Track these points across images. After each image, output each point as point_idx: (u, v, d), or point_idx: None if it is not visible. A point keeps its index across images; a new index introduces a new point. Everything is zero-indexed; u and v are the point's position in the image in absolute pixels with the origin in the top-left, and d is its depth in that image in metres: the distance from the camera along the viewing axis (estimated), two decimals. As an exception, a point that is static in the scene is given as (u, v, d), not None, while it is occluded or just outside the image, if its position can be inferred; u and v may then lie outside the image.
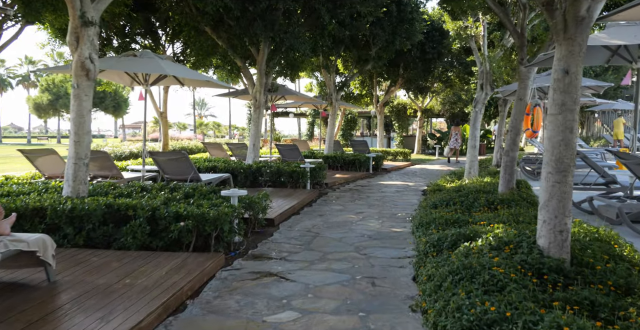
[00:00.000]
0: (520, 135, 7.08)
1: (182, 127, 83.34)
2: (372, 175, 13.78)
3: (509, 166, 7.07)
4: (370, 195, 9.64)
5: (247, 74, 10.82)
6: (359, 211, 7.81)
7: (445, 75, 21.06)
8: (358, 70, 15.37)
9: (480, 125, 31.49)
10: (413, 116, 25.60)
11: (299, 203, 8.07)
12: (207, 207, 5.02)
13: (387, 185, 11.50)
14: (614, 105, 20.79)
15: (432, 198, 7.57)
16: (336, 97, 14.75)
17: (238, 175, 9.88)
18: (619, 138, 20.30)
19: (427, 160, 20.01)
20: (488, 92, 10.41)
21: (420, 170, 15.46)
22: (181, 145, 20.00)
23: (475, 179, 9.95)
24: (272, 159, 12.87)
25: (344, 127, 25.31)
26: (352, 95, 21.02)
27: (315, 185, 10.60)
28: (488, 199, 6.43)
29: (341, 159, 14.00)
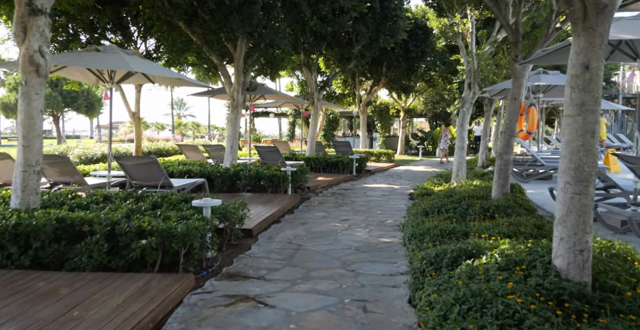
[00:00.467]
0: (515, 136, 6.66)
1: (160, 127, 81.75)
2: (356, 177, 13.30)
3: (503, 170, 6.65)
4: (355, 200, 9.14)
5: (224, 72, 10.21)
6: (344, 218, 7.30)
7: (428, 75, 20.76)
8: (340, 68, 14.88)
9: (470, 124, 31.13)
10: (396, 116, 25.25)
11: (280, 210, 7.52)
12: (175, 220, 4.43)
13: (372, 188, 11.03)
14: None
15: (422, 204, 7.10)
16: (318, 97, 14.23)
17: (214, 179, 9.28)
18: (602, 138, 20.28)
19: (411, 161, 19.65)
20: (476, 92, 10.02)
21: (404, 172, 15.05)
22: (157, 147, 19.22)
23: (465, 182, 9.55)
24: (251, 161, 12.28)
25: (325, 128, 24.81)
26: (334, 94, 20.53)
27: (297, 190, 10.07)
28: (483, 206, 5.99)
29: (324, 161, 13.49)
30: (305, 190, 10.19)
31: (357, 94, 18.88)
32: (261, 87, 11.58)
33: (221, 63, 10.11)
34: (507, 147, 6.63)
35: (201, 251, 4.48)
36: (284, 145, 16.60)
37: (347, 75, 18.41)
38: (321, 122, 22.33)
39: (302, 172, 9.88)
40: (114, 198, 5.59)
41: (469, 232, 4.83)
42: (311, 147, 14.35)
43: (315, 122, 14.37)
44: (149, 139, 51.32)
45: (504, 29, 6.86)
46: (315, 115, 14.31)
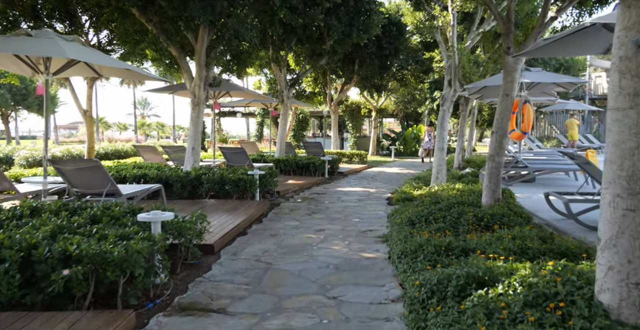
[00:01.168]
0: (507, 136, 6.04)
1: (123, 127, 79.10)
2: (329, 180, 12.55)
3: (495, 174, 6.02)
4: (329, 206, 8.37)
5: (185, 66, 9.26)
6: (319, 228, 6.51)
7: (401, 74, 20.24)
8: (311, 65, 14.10)
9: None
10: (367, 116, 24.67)
11: (247, 219, 6.66)
12: (112, 240, 3.54)
13: (346, 192, 10.29)
14: (567, 106, 20.76)
15: (406, 212, 6.40)
16: (288, 95, 13.41)
17: (173, 184, 8.33)
18: (574, 139, 20.27)
19: (384, 162, 19.07)
20: (457, 89, 9.44)
21: (378, 174, 14.40)
22: (114, 148, 17.93)
23: (446, 186, 8.93)
24: (215, 163, 11.34)
25: (295, 128, 23.99)
26: (304, 93, 19.74)
27: (265, 195, 9.22)
28: (476, 215, 5.32)
29: (294, 163, 12.67)
30: (274, 196, 9.35)
31: (328, 92, 18.14)
32: (226, 83, 10.67)
33: (181, 55, 9.16)
34: (499, 149, 6.00)
35: (147, 278, 3.61)
36: (252, 146, 15.69)
37: (318, 72, 17.66)
38: (290, 121, 21.50)
39: (271, 176, 9.04)
40: (44, 211, 4.62)
41: (469, 249, 4.12)
42: (281, 148, 13.51)
43: (285, 122, 13.54)
44: (110, 139, 49.27)
45: (495, 19, 6.24)
46: (285, 114, 13.48)
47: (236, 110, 30.17)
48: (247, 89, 11.87)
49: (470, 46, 9.50)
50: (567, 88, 10.32)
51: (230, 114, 30.34)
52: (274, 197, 9.30)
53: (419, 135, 24.75)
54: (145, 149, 11.51)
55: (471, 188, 8.47)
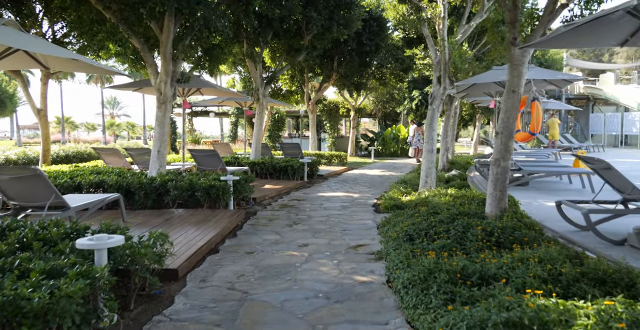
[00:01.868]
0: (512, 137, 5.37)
1: (91, 127, 76.51)
2: (308, 184, 11.76)
3: (500, 180, 5.33)
4: (311, 215, 7.58)
5: (149, 60, 8.32)
6: (303, 243, 5.72)
7: (380, 72, 19.61)
8: (288, 62, 13.27)
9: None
10: (345, 116, 23.98)
11: (219, 234, 5.81)
12: (36, 279, 2.66)
13: (328, 198, 9.51)
14: (547, 105, 20.54)
15: (400, 223, 5.68)
16: (264, 93, 12.55)
17: (135, 192, 7.40)
18: (555, 138, 20.05)
19: (364, 164, 18.39)
20: (447, 87, 8.78)
21: (360, 177, 13.68)
22: (76, 150, 16.67)
23: (437, 191, 8.27)
24: (185, 167, 10.41)
25: (271, 128, 23.10)
26: (281, 92, 18.89)
27: (240, 203, 8.38)
28: (485, 229, 4.62)
29: (271, 166, 11.83)
30: (250, 203, 8.51)
31: (305, 91, 17.34)
32: (196, 79, 9.75)
33: (144, 48, 8.21)
34: (505, 152, 5.32)
35: (85, 326, 2.74)
36: (225, 148, 14.76)
37: (295, 70, 16.84)
38: (266, 121, 20.61)
39: (247, 181, 8.19)
40: (-39, 233, 3.68)
41: (489, 275, 3.40)
42: (256, 150, 12.65)
43: (261, 122, 12.68)
44: (76, 140, 47.21)
45: (499, 6, 5.56)
46: (261, 113, 12.62)
47: (209, 109, 29.08)
48: (220, 87, 10.96)
49: (461, 40, 8.86)
50: (560, 86, 9.81)
51: (203, 114, 29.22)
52: (249, 204, 8.45)
53: (398, 135, 24.22)
54: (106, 151, 10.48)
55: (465, 194, 7.82)
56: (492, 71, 9.39)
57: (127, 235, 3.78)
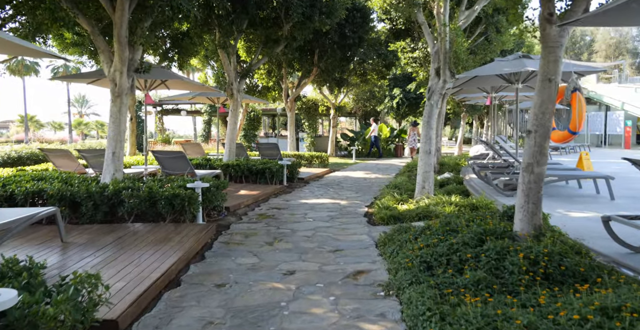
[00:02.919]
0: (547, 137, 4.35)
1: (58, 126, 73.34)
2: (288, 188, 10.60)
3: (534, 190, 4.30)
4: (295, 228, 6.43)
5: (101, 45, 7.01)
6: (287, 269, 4.57)
7: (362, 68, 18.58)
8: (266, 54, 12.06)
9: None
10: (325, 114, 22.88)
11: (182, 258, 4.62)
12: None
13: (312, 205, 8.38)
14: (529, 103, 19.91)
15: (408, 244, 4.59)
16: (238, 88, 11.32)
17: (83, 204, 6.11)
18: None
19: (346, 165, 17.31)
20: (447, 79, 7.76)
21: (344, 180, 12.59)
22: (30, 151, 15.02)
23: (438, 199, 7.25)
24: (149, 171, 9.11)
25: (246, 127, 21.80)
26: (257, 88, 17.64)
27: (211, 213, 7.17)
28: (528, 256, 3.56)
29: (246, 169, 10.63)
30: (222, 214, 7.30)
31: (284, 87, 16.15)
32: (159, 70, 8.46)
33: (95, 30, 6.90)
34: (540, 155, 4.29)
35: None
36: (196, 148, 13.46)
37: (273, 64, 15.62)
38: (241, 120, 19.32)
39: (219, 188, 6.99)
40: None
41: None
42: (230, 151, 11.41)
43: (235, 120, 11.44)
44: (40, 139, 44.69)
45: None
46: (235, 110, 11.38)
47: (180, 107, 27.56)
48: (188, 79, 9.69)
49: (464, 26, 7.85)
50: (565, 79, 8.92)
51: (174, 112, 27.68)
52: (222, 215, 7.25)
53: (380, 134, 23.25)
54: (55, 153, 9.07)
55: (472, 202, 6.81)
56: (495, 63, 8.43)
57: (37, 279, 2.57)
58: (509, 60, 8.23)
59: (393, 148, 24.28)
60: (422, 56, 11.75)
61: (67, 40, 11.03)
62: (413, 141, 20.02)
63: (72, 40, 10.99)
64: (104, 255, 4.59)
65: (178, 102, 26.57)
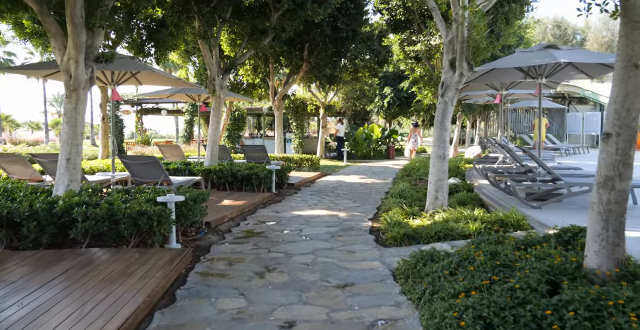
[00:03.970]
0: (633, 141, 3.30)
1: (35, 126, 70.92)
2: (278, 197, 9.43)
3: (615, 213, 3.22)
4: (289, 251, 5.28)
5: (51, 27, 5.76)
6: (284, 319, 3.42)
7: (353, 64, 17.48)
8: (252, 47, 10.87)
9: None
10: (314, 113, 21.73)
11: (142, 307, 3.43)
12: None
13: (307, 219, 7.23)
14: (533, 103, 19.05)
15: (445, 281, 3.49)
16: (221, 83, 10.11)
17: (25, 224, 4.87)
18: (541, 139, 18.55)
19: (337, 168, 16.19)
20: (464, 72, 6.69)
21: (338, 185, 11.46)
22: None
23: (458, 213, 6.17)
24: (116, 179, 7.86)
25: (230, 127, 20.54)
26: (242, 86, 16.42)
27: (188, 231, 5.99)
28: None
29: (230, 174, 9.43)
30: (202, 231, 6.12)
31: (271, 84, 14.96)
32: (127, 61, 7.21)
33: (44, 10, 5.66)
34: (624, 167, 3.22)
35: None
36: (175, 151, 12.20)
37: (259, 59, 14.41)
38: (225, 119, 18.07)
39: (197, 201, 5.81)
40: None
41: None
42: (212, 154, 10.19)
43: (218, 119, 10.23)
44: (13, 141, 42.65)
45: None
46: (218, 108, 10.17)
47: (161, 106, 26.16)
48: (163, 72, 8.44)
49: (486, 8, 6.77)
50: (593, 76, 7.95)
51: (154, 111, 26.26)
52: (200, 233, 6.06)
53: (371, 135, 22.21)
54: (6, 158, 7.76)
55: (500, 217, 5.74)
56: (517, 55, 7.39)
57: None
58: (534, 51, 7.19)
59: (384, 149, 23.25)
60: (425, 49, 10.69)
61: (27, 30, 9.73)
62: (414, 142, 20.53)
63: (33, 30, 9.70)
64: (38, 301, 3.40)
65: (158, 100, 25.19)
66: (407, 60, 14.60)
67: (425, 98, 18.18)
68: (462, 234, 5.49)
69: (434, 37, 10.33)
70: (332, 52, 13.74)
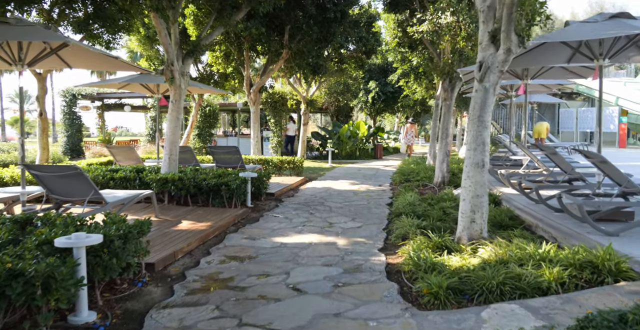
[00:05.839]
0: None
1: (-4, 124, 66.70)
2: (254, 213, 7.42)
3: None
4: (273, 320, 3.29)
5: None
6: None
7: (339, 55, 15.54)
8: (221, 24, 8.77)
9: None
10: (294, 109, 19.69)
11: None
12: None
13: (293, 250, 5.25)
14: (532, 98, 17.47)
15: None
16: (182, 70, 8.01)
17: None
18: (542, 136, 17.09)
19: (322, 171, 14.23)
20: (513, 48, 4.81)
21: (327, 195, 9.50)
22: None
23: (516, 248, 4.28)
24: (30, 195, 5.72)
25: (200, 124, 18.33)
26: (212, 77, 14.27)
27: (116, 284, 3.93)
28: None
29: (193, 184, 7.37)
30: (138, 282, 4.07)
31: (245, 74, 12.86)
32: (38, 30, 5.05)
33: None
34: None
35: None
36: (129, 154, 10.04)
37: (232, 45, 12.28)
38: (194, 116, 15.89)
39: (130, 238, 3.76)
40: None
41: None
42: (170, 159, 8.08)
43: (177, 115, 8.13)
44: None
45: None
46: (179, 101, 8.07)
47: (124, 102, 23.72)
48: (94, 48, 6.28)
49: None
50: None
51: (117, 107, 23.80)
52: (136, 283, 4.02)
53: (357, 133, 20.33)
54: None
55: (589, 259, 3.88)
56: (575, 26, 5.55)
57: None
58: (598, 22, 5.36)
59: (371, 148, 21.39)
60: (432, 30, 8.80)
61: None
62: (411, 138, 20.34)
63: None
64: None
65: (122, 95, 22.74)
66: (401, 49, 12.75)
67: (415, 93, 16.41)
68: (537, 286, 3.61)
69: (444, 15, 8.45)
70: (317, 37, 11.74)
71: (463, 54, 9.47)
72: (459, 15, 8.39)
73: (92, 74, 48.00)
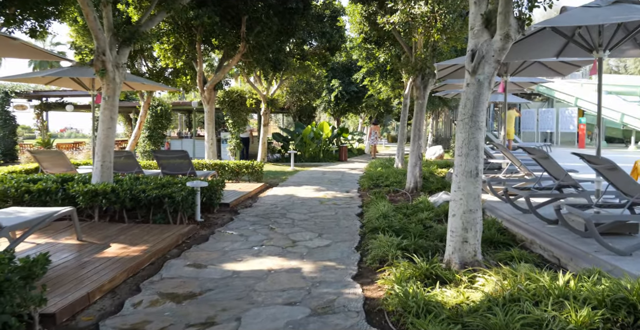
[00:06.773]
0: None
1: None
2: (203, 230, 6.31)
3: None
4: None
5: None
6: None
7: (301, 51, 14.58)
8: (163, 9, 7.59)
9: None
10: (254, 109, 18.53)
11: None
12: None
13: (248, 282, 4.21)
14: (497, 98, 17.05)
15: None
16: (116, 61, 6.80)
17: None
18: (510, 137, 16.65)
19: (284, 175, 13.19)
20: (511, 33, 3.98)
21: (290, 204, 8.48)
22: None
23: (525, 280, 3.41)
24: None
25: (151, 125, 16.90)
26: (163, 73, 12.98)
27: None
28: None
29: (130, 197, 6.20)
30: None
31: (198, 70, 11.65)
32: None
33: None
34: None
35: None
36: (57, 160, 8.70)
37: (182, 36, 11.04)
38: (142, 116, 14.51)
39: (8, 287, 2.63)
40: None
41: None
42: (103, 166, 6.84)
43: (111, 114, 6.91)
44: None
45: None
46: (112, 98, 6.85)
47: (66, 101, 21.88)
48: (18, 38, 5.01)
49: None
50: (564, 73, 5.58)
51: (58, 106, 21.91)
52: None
53: (320, 134, 19.41)
54: None
55: (624, 296, 3.04)
56: (578, 10, 4.78)
57: None
58: (601, 6, 4.62)
59: (335, 150, 20.52)
60: (403, 20, 7.94)
61: None
62: (374, 139, 20.55)
63: None
64: None
65: (63, 93, 20.91)
66: (367, 45, 11.94)
67: (380, 93, 15.66)
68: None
69: (417, 4, 7.62)
70: (278, 30, 10.71)
71: (437, 48, 8.69)
72: (434, 4, 7.59)
73: (30, 65, 44.98)
